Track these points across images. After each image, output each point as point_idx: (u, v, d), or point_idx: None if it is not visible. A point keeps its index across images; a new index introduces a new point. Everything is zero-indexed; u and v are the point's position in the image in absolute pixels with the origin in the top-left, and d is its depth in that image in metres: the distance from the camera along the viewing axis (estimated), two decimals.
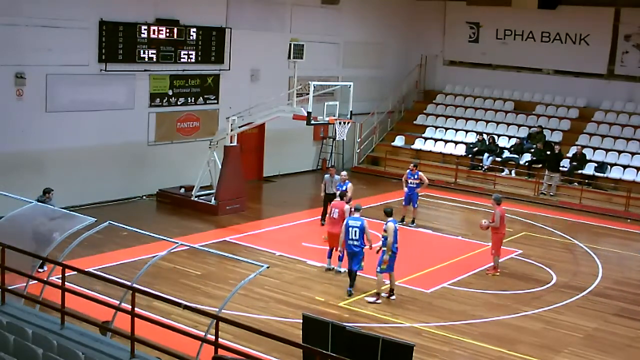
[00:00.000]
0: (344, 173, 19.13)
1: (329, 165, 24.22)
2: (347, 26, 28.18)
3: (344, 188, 18.06)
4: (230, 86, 23.96)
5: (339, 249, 15.63)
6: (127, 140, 21.43)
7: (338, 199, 16.84)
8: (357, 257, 14.95)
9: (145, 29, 21.16)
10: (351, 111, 20.13)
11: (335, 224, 16.15)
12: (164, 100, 22.30)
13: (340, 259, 16.15)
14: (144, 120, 21.93)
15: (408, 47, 31.29)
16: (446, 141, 28.48)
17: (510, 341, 13.17)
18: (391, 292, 14.90)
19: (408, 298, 15.05)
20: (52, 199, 15.25)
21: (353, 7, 28.20)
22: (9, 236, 10.79)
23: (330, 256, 16.34)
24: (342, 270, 16.10)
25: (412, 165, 20.99)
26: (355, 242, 14.87)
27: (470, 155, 27.22)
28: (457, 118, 29.40)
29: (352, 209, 15.43)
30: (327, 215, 17.25)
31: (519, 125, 28.18)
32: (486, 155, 26.74)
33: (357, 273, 15.06)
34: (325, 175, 20.05)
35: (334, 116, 19.76)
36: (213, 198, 20.83)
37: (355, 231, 14.84)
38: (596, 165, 25.31)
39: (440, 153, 28.18)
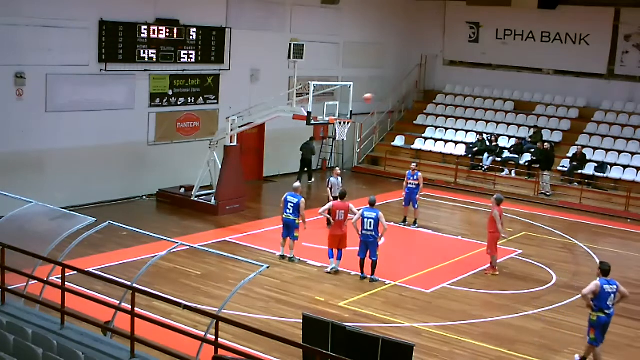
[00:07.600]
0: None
1: (333, 166, 23.50)
2: (347, 26, 28.17)
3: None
4: (230, 86, 23.95)
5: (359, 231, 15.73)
6: (127, 140, 21.42)
7: (339, 199, 16.65)
8: (373, 246, 15.62)
9: (145, 29, 21.15)
10: (351, 111, 20.13)
11: (341, 226, 16.13)
12: (164, 100, 22.30)
13: (335, 256, 16.16)
14: (144, 120, 21.92)
15: (408, 47, 31.28)
16: (446, 141, 28.48)
17: (510, 341, 13.16)
18: None
19: (408, 298, 15.04)
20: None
21: (353, 7, 28.19)
22: (9, 236, 10.78)
23: (332, 256, 16.27)
24: (336, 267, 16.20)
25: (413, 165, 20.96)
26: (371, 233, 15.55)
27: (470, 155, 27.22)
28: (457, 118, 29.40)
29: (368, 202, 16.03)
30: (334, 218, 16.30)
31: (519, 125, 28.18)
32: (486, 155, 26.73)
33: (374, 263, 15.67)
34: (331, 178, 20.04)
35: (334, 116, 19.76)
36: (213, 198, 20.82)
37: (371, 222, 15.54)
38: (596, 165, 25.31)
39: (440, 153, 28.18)
